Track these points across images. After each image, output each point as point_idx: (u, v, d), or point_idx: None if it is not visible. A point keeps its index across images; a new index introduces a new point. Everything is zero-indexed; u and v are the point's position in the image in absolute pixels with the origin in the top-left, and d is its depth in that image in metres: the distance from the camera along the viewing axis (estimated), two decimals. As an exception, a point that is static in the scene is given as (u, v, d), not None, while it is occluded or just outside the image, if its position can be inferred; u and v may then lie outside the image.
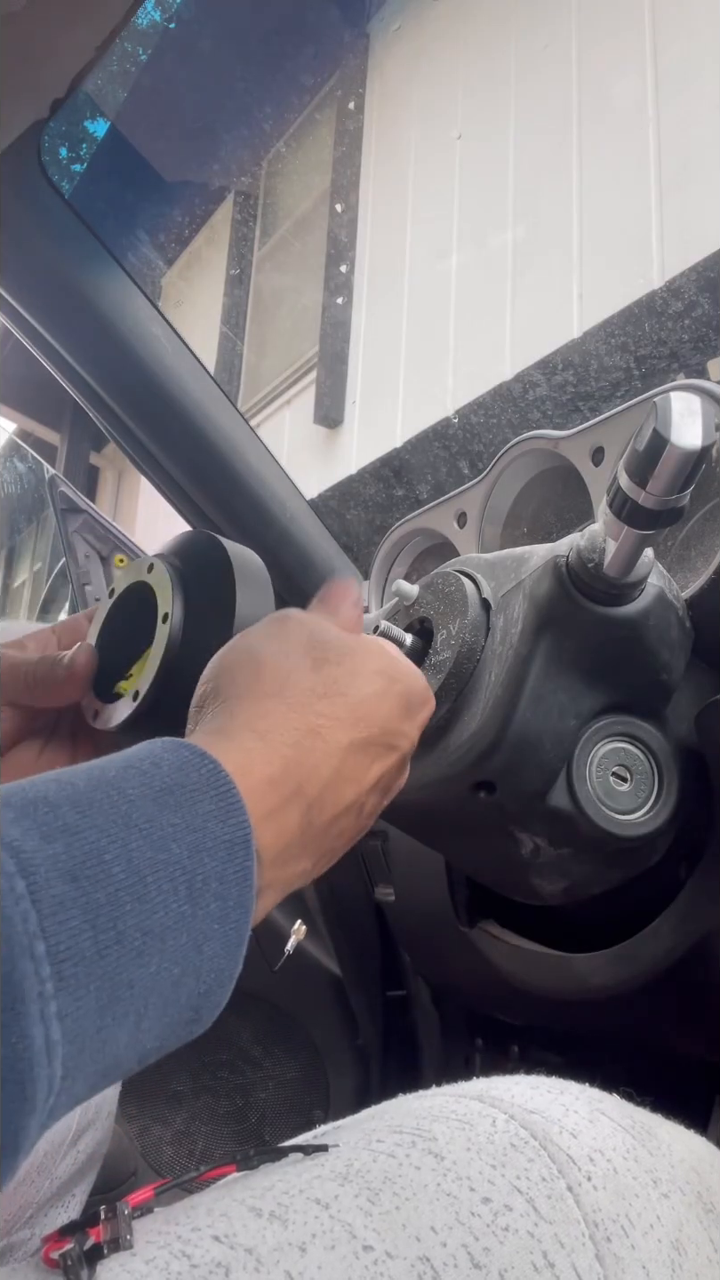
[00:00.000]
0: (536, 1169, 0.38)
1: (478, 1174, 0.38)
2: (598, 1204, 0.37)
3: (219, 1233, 0.35)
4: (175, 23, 3.52)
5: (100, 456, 6.10)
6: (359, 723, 0.37)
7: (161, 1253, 0.34)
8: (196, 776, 0.31)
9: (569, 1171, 0.38)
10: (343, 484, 4.18)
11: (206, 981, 0.31)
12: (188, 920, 0.29)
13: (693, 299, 2.91)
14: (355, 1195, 0.37)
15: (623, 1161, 0.40)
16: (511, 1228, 0.36)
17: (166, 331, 1.02)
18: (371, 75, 4.60)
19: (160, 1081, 1.27)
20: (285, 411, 4.82)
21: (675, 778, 0.58)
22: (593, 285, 3.26)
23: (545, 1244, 0.36)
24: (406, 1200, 0.36)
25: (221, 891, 0.30)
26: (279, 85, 4.39)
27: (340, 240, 4.55)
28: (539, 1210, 0.37)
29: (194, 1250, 0.34)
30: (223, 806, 0.31)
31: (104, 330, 0.97)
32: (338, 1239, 0.35)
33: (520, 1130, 0.40)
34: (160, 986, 0.29)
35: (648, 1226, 0.38)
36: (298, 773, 0.35)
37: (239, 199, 5.24)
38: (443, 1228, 0.35)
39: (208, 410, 1.05)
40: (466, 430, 3.66)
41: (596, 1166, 0.39)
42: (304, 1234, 0.35)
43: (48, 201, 0.90)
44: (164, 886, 0.29)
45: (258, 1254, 0.34)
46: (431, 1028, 1.11)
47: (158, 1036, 0.31)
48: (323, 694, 0.37)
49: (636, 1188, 0.39)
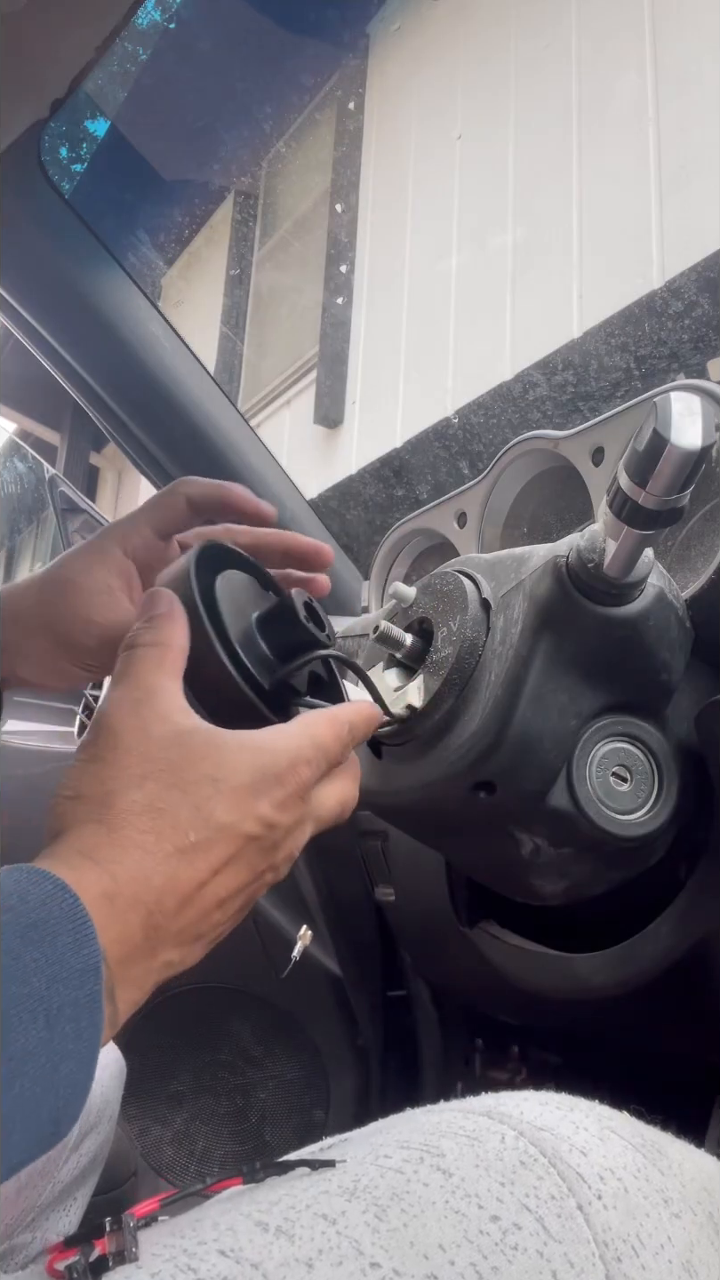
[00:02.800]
0: (546, 1187, 0.38)
1: (486, 1191, 0.37)
2: (608, 1223, 0.37)
3: (225, 1247, 0.35)
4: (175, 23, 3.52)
5: (100, 456, 6.10)
6: (179, 829, 0.38)
7: (167, 1266, 0.34)
8: (58, 911, 0.33)
9: (579, 1190, 0.38)
10: (343, 484, 4.18)
11: (64, 1096, 0.32)
12: (45, 1045, 0.32)
13: (693, 299, 2.91)
14: (363, 1211, 0.36)
15: (633, 1180, 0.39)
16: (521, 1246, 0.35)
17: (166, 331, 1.02)
18: (371, 75, 4.60)
19: (161, 1082, 1.27)
20: (285, 411, 4.82)
21: (675, 778, 0.58)
22: (593, 285, 3.26)
23: (555, 1263, 0.35)
24: (414, 1217, 0.36)
25: (75, 1015, 0.32)
26: (279, 85, 4.39)
27: (340, 240, 4.55)
28: (548, 1229, 0.36)
29: (199, 1264, 0.34)
30: (78, 938, 0.33)
31: (104, 330, 0.98)
32: (345, 1255, 0.34)
33: (530, 1147, 0.40)
34: (23, 1106, 0.31)
35: (659, 1247, 0.37)
36: (130, 886, 0.36)
37: (239, 199, 5.24)
38: (451, 1245, 0.35)
39: (208, 410, 1.05)
40: (466, 430, 3.66)
41: (607, 1185, 0.38)
42: (311, 1250, 0.35)
43: (48, 201, 0.90)
44: (24, 1018, 0.31)
45: (264, 1269, 0.34)
46: (432, 1028, 1.11)
47: (22, 1150, 0.32)
48: (139, 812, 0.38)
49: (647, 1207, 0.38)
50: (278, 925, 1.17)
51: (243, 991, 1.24)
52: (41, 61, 0.76)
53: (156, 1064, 1.26)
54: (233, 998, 1.25)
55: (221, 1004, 1.25)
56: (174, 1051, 1.26)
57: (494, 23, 3.91)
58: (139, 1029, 1.20)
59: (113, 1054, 0.81)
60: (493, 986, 0.80)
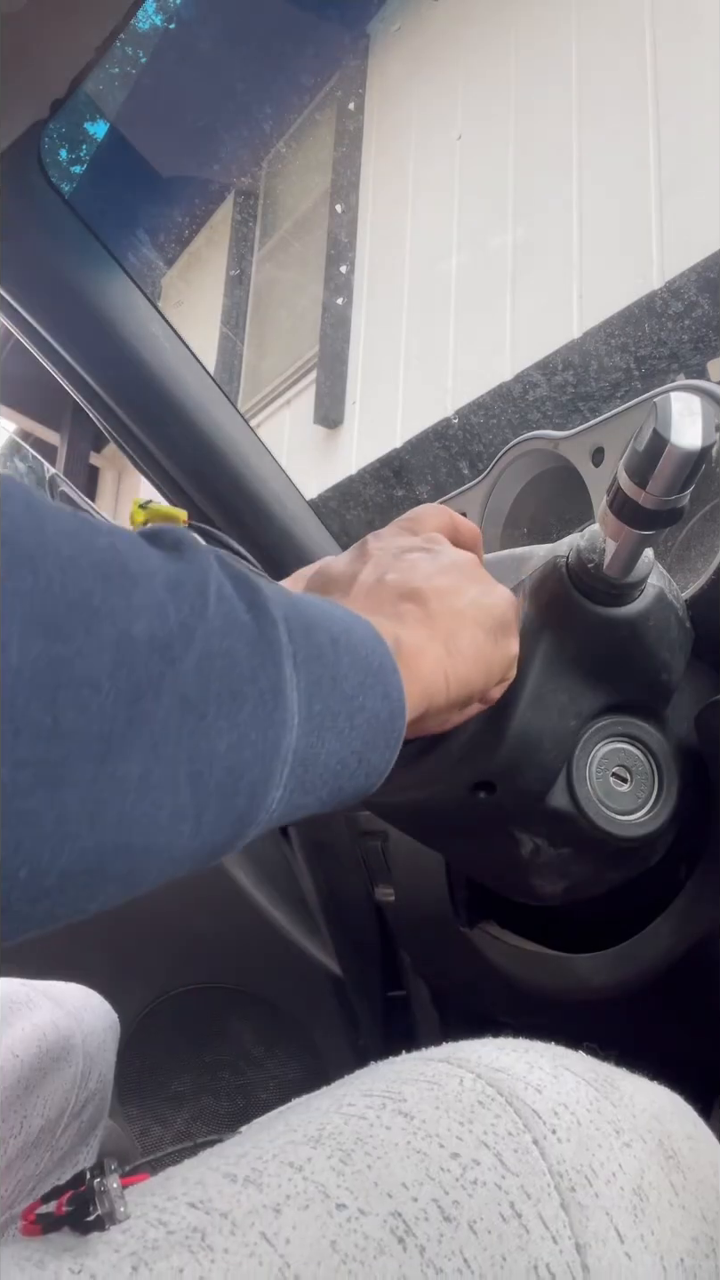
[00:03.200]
0: (503, 1124, 0.39)
1: (446, 1131, 0.39)
2: (562, 1155, 0.39)
3: (194, 1199, 0.36)
4: (175, 23, 3.53)
5: (100, 456, 6.11)
6: None
7: (138, 1222, 0.35)
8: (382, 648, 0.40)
9: (534, 1125, 0.39)
10: (343, 484, 4.18)
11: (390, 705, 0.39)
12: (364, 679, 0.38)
13: (693, 300, 2.92)
14: (328, 1157, 0.38)
15: (585, 1113, 0.41)
16: (480, 1181, 0.37)
17: (166, 331, 1.02)
18: (372, 75, 4.60)
19: (161, 1082, 1.27)
20: (285, 411, 4.82)
21: (675, 778, 0.58)
22: (593, 285, 3.26)
23: (512, 1195, 0.37)
24: (378, 1159, 0.38)
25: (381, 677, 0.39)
26: (279, 85, 4.39)
27: (340, 240, 4.55)
28: (505, 1163, 0.38)
29: (170, 1218, 0.35)
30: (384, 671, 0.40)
31: (104, 330, 0.98)
32: (311, 1199, 0.36)
33: (487, 1088, 0.41)
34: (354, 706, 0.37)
35: (610, 1175, 0.39)
36: None
37: (239, 199, 5.24)
38: (413, 1183, 0.37)
39: (208, 410, 1.05)
40: (466, 431, 3.66)
41: (560, 1120, 0.40)
42: (278, 1196, 0.36)
43: (48, 201, 0.90)
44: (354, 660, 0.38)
45: (233, 1218, 0.35)
46: (432, 1028, 1.11)
47: (359, 746, 0.37)
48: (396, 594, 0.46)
49: (599, 1138, 0.40)
50: (278, 925, 1.17)
51: (243, 992, 1.24)
52: (41, 61, 0.76)
53: (157, 1064, 1.26)
54: (233, 998, 1.25)
55: (222, 1004, 1.25)
56: (174, 1052, 1.26)
57: (494, 23, 3.91)
58: (139, 1029, 1.21)
59: (109, 1018, 0.81)
60: (493, 987, 0.80)
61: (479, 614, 0.47)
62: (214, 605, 0.31)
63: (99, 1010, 0.80)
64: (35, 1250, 0.35)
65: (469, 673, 0.45)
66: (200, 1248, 0.34)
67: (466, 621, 0.46)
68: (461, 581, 0.48)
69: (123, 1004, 0.86)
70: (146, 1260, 0.33)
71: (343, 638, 0.37)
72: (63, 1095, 0.70)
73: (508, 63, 3.80)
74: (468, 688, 0.46)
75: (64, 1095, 0.71)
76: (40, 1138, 0.68)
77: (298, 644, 0.34)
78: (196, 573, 0.31)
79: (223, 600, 0.32)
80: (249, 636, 0.32)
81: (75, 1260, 0.33)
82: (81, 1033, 0.75)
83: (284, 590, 0.36)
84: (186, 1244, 0.34)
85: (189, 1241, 0.34)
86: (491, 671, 0.48)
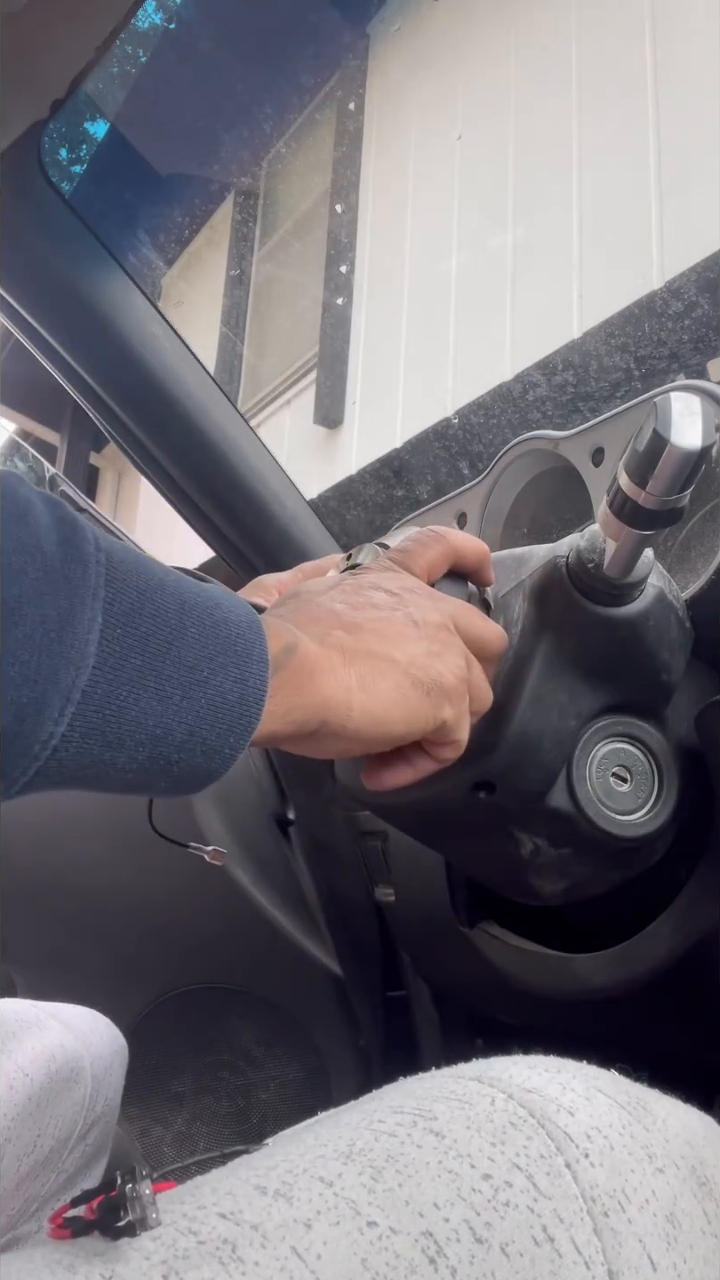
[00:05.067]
0: (535, 1146, 0.39)
1: (478, 1151, 0.38)
2: (595, 1180, 0.38)
3: (225, 1210, 0.36)
4: (175, 23, 3.52)
5: (100, 456, 6.10)
6: None
7: (168, 1230, 0.35)
8: None
9: (566, 1148, 0.39)
10: (343, 484, 4.18)
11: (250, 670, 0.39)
12: None
13: (693, 299, 2.91)
14: (359, 1173, 0.37)
15: (619, 1137, 0.40)
16: (512, 1203, 0.37)
17: (166, 331, 1.02)
18: (371, 75, 4.60)
19: (161, 1082, 1.27)
20: (285, 411, 4.82)
21: (675, 778, 0.58)
22: (593, 285, 3.26)
23: (545, 1219, 0.37)
24: (409, 1177, 0.37)
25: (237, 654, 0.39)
26: (279, 85, 4.39)
27: (340, 240, 4.55)
28: (538, 1186, 0.37)
29: (201, 1227, 0.35)
30: None
31: (104, 330, 0.98)
32: (342, 1215, 0.35)
33: (519, 1109, 0.41)
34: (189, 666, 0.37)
35: (643, 1201, 0.38)
36: None
37: (239, 199, 5.24)
38: (445, 1203, 0.36)
39: (208, 410, 1.05)
40: (466, 431, 3.66)
41: (593, 1143, 0.39)
42: (309, 1211, 0.35)
43: (48, 201, 0.90)
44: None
45: (263, 1230, 0.35)
46: (432, 1028, 1.11)
47: (192, 720, 0.37)
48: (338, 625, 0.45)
49: (632, 1163, 0.39)
50: (278, 925, 1.17)
51: (243, 992, 1.24)
52: (41, 61, 0.76)
53: (157, 1064, 1.26)
54: (233, 998, 1.25)
55: (222, 1004, 1.25)
56: (175, 1052, 1.26)
57: (494, 23, 3.91)
58: (140, 1029, 1.21)
59: (116, 1043, 0.81)
60: (493, 987, 0.80)
61: (415, 670, 0.45)
62: (14, 526, 0.33)
63: (106, 1034, 0.80)
64: (65, 1254, 0.34)
65: (384, 714, 0.44)
66: (231, 1259, 0.33)
67: (394, 669, 0.45)
68: (412, 637, 0.46)
69: (123, 1004, 0.86)
70: (177, 1269, 0.33)
71: (198, 609, 0.38)
72: (70, 1117, 0.70)
73: (508, 63, 3.80)
74: (381, 726, 0.44)
75: (72, 1117, 0.70)
76: (49, 1158, 0.67)
77: (115, 592, 0.35)
78: (18, 502, 0.34)
79: (28, 527, 0.34)
80: (44, 564, 0.33)
81: (106, 1266, 0.33)
82: (90, 1056, 0.74)
83: (131, 551, 0.37)
84: (217, 1255, 0.33)
85: (219, 1253, 0.33)
86: (414, 723, 0.46)
